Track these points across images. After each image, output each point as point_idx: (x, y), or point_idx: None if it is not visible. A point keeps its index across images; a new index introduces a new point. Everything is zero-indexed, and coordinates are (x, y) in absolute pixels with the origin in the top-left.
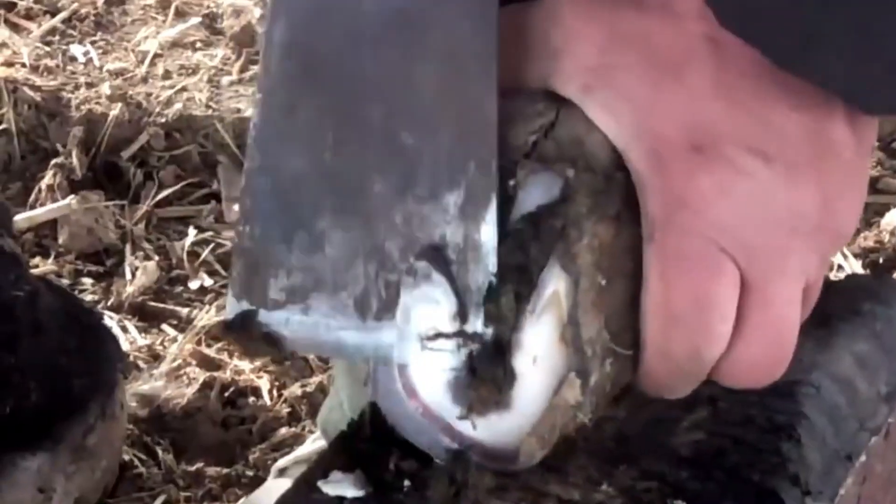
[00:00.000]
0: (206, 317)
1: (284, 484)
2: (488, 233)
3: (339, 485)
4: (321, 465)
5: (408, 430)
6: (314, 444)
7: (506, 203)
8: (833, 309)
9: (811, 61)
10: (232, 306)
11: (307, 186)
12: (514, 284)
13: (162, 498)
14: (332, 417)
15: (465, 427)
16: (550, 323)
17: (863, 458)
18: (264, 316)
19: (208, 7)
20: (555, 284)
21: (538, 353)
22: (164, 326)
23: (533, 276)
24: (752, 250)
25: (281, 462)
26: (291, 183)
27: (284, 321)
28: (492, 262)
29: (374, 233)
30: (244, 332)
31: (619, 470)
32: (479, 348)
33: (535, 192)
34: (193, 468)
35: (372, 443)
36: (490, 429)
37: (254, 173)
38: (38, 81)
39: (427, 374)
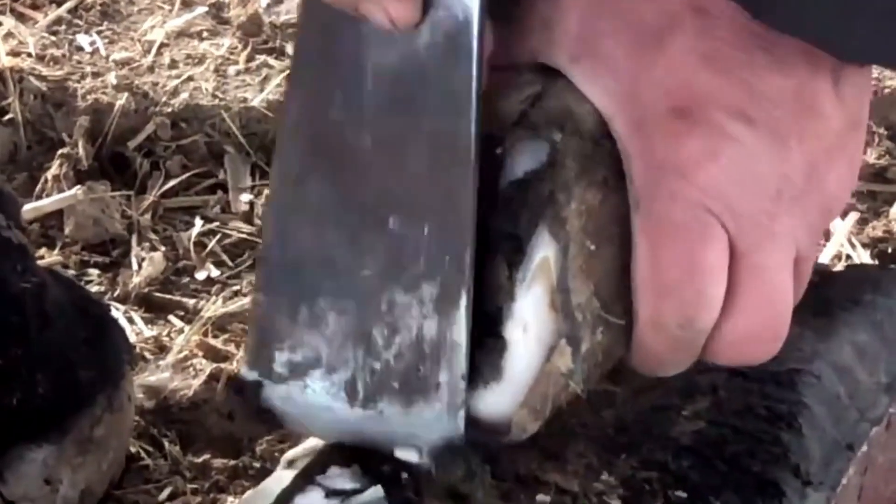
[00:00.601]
0: (213, 308)
1: (293, 475)
2: (460, 331)
3: (337, 479)
4: (320, 460)
5: None
6: None
7: (494, 170)
8: (834, 298)
9: (789, 11)
10: (244, 373)
11: (311, 261)
12: (505, 254)
13: (168, 490)
14: None
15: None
16: (540, 290)
17: (864, 448)
18: (269, 389)
19: None
20: (544, 251)
21: (528, 321)
22: (171, 317)
23: (523, 243)
24: (740, 214)
25: (290, 454)
26: (298, 256)
27: (286, 397)
28: (463, 362)
29: (363, 317)
30: (248, 403)
31: (619, 459)
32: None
33: (522, 159)
34: (200, 460)
35: None
36: (482, 400)
37: (267, 242)
38: (45, 71)
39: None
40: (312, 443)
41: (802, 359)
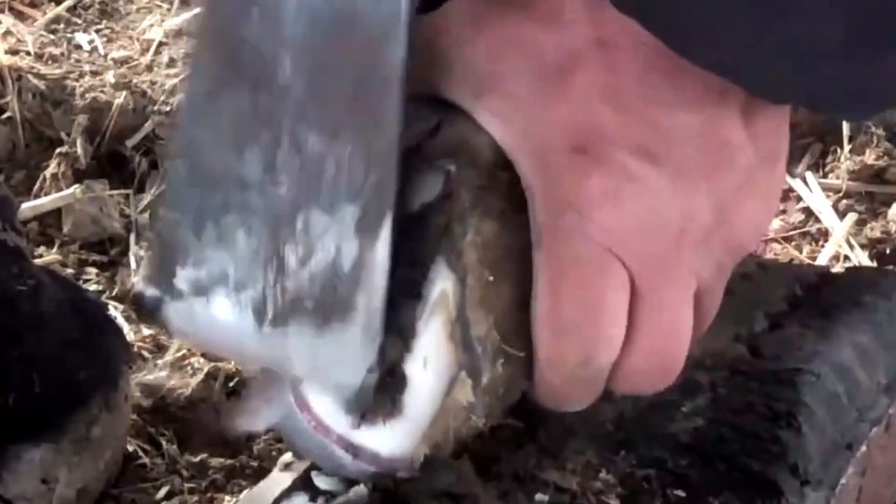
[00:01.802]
0: None
1: (289, 477)
2: (382, 252)
3: (331, 478)
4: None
5: (301, 445)
6: None
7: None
8: (834, 300)
9: (703, 41)
10: (143, 287)
11: (220, 178)
12: (407, 289)
13: (166, 488)
14: None
15: (359, 437)
16: (439, 323)
17: (863, 448)
18: (170, 305)
19: None
20: (442, 283)
21: (428, 355)
22: None
23: (421, 277)
24: (641, 255)
25: (286, 456)
26: (206, 172)
27: (188, 314)
28: (382, 286)
29: (275, 236)
30: (151, 317)
31: (618, 456)
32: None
33: (419, 192)
34: (197, 459)
35: None
36: (383, 436)
37: (174, 156)
38: (43, 69)
39: (319, 387)
40: None
41: (803, 358)
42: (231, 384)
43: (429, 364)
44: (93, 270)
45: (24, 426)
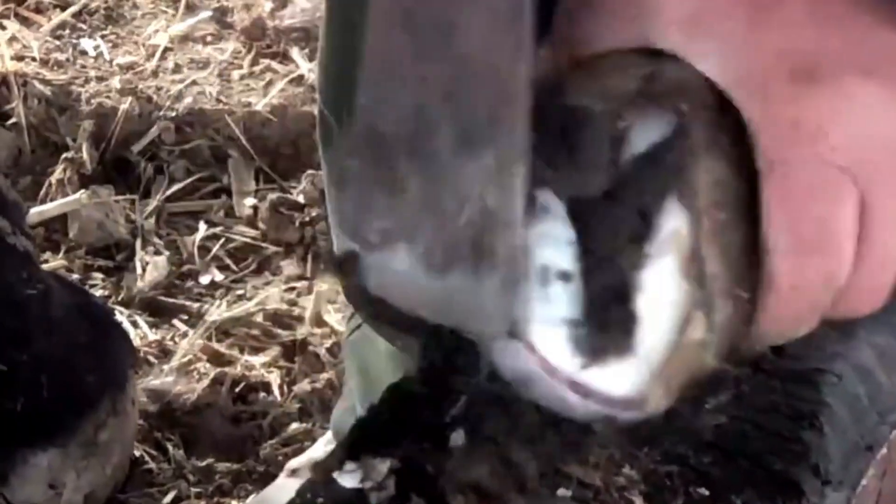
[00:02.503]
0: (217, 312)
1: (295, 483)
2: (515, 201)
3: (354, 475)
4: (337, 456)
5: (530, 388)
6: (327, 446)
7: (614, 148)
8: None
9: None
10: (340, 242)
11: (397, 125)
12: (632, 229)
13: (172, 493)
14: (345, 420)
15: (589, 377)
16: (672, 260)
17: (883, 450)
18: (365, 259)
19: (218, 1)
20: (675, 221)
21: (660, 292)
22: (175, 321)
23: (651, 216)
24: (871, 171)
25: (293, 463)
26: (387, 120)
27: (378, 268)
28: (518, 233)
29: (439, 185)
30: (351, 275)
31: (641, 451)
32: (599, 292)
33: (646, 132)
34: (204, 463)
35: (390, 428)
36: (616, 376)
37: (360, 105)
38: (49, 75)
39: (545, 326)
40: (315, 453)
41: (824, 358)
42: (237, 389)
43: (661, 302)
44: (98, 276)
45: (31, 430)
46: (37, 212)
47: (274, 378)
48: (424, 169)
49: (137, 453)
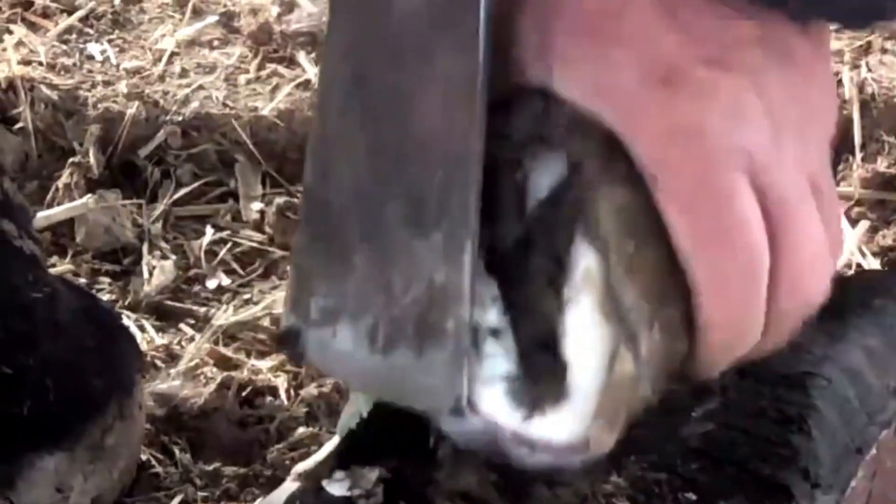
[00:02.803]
0: (224, 316)
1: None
2: (464, 278)
3: (342, 483)
4: (327, 464)
5: (480, 448)
6: None
7: (518, 197)
8: (845, 303)
9: None
10: (285, 317)
11: (346, 202)
12: (548, 276)
13: (179, 497)
14: (352, 424)
15: (531, 429)
16: (589, 300)
17: (873, 451)
18: (307, 335)
19: (225, 5)
20: (585, 260)
21: (583, 333)
22: (182, 326)
23: (562, 260)
24: (748, 156)
25: (299, 467)
26: (336, 196)
27: (320, 344)
28: (467, 309)
29: (386, 262)
30: (292, 349)
31: (629, 460)
32: (527, 343)
33: (544, 176)
34: (211, 468)
35: (380, 438)
36: (555, 425)
37: (308, 180)
38: (55, 80)
39: (484, 385)
40: (321, 457)
41: (813, 362)
42: (244, 393)
43: (586, 344)
44: (105, 280)
45: (38, 433)
46: (44, 216)
47: (281, 382)
48: (373, 246)
49: (144, 457)
